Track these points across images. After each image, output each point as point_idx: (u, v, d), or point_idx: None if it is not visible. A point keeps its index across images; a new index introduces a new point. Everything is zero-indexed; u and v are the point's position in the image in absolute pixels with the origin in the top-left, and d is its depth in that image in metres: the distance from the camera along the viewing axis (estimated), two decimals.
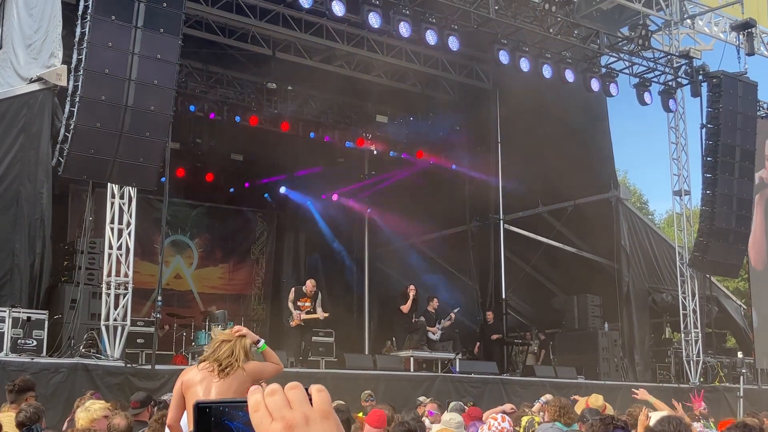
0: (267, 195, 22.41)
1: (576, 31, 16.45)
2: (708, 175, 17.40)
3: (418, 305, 16.44)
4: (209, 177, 20.95)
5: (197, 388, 5.17)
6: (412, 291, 16.25)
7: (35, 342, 11.34)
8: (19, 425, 5.85)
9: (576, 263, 19.55)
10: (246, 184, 21.68)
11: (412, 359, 15.22)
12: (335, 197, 22.70)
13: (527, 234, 20.09)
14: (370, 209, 23.00)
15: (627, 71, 17.46)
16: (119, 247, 12.04)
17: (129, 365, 11.70)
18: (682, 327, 17.87)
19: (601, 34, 16.74)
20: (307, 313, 14.85)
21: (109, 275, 11.98)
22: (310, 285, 15.18)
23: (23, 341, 11.25)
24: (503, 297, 19.58)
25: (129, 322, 12.03)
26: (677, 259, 18.20)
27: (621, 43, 17.30)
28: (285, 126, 20.17)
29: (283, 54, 18.16)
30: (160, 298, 12.73)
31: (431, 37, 14.80)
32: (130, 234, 12.16)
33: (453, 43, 15.07)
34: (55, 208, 13.25)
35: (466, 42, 15.96)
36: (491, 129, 20.17)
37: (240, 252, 22.51)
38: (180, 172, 19.22)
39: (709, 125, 17.40)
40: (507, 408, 7.99)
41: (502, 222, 20.11)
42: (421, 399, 11.41)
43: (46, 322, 11.60)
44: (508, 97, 19.22)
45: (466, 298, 20.23)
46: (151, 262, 17.84)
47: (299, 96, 20.25)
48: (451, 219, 21.60)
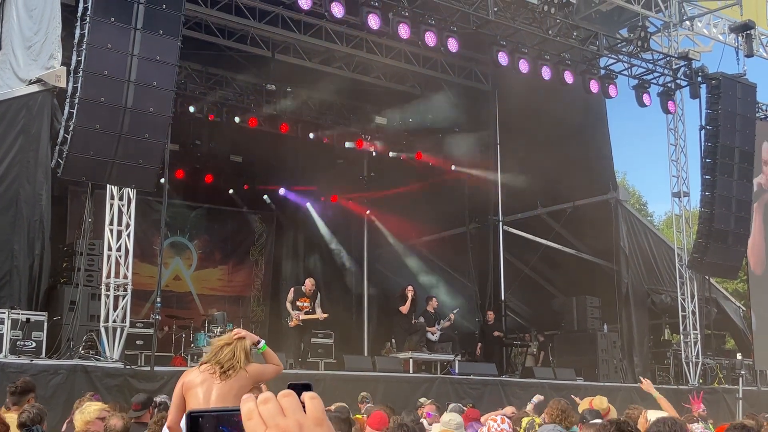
0: (266, 196, 22.39)
1: (575, 33, 16.45)
2: (707, 177, 17.40)
3: (417, 306, 16.43)
4: (208, 178, 20.91)
5: (198, 389, 5.17)
6: (410, 292, 16.23)
7: (34, 343, 11.33)
8: (21, 426, 5.84)
9: (575, 265, 19.53)
10: (245, 185, 21.65)
11: (411, 361, 15.21)
12: (334, 199, 22.69)
13: (526, 235, 20.07)
14: (369, 211, 23.01)
15: (626, 73, 17.48)
16: (118, 249, 12.04)
17: (128, 367, 11.70)
18: (681, 328, 17.87)
19: (600, 35, 16.74)
20: (306, 314, 14.74)
21: (109, 277, 11.98)
22: (309, 284, 15.08)
23: (22, 343, 11.25)
24: (502, 298, 19.59)
25: (128, 323, 12.03)
26: (676, 261, 18.20)
27: (620, 45, 17.29)
28: (284, 127, 20.18)
29: (282, 55, 18.17)
30: (159, 299, 12.73)
31: (430, 39, 14.79)
32: (129, 235, 12.16)
33: (452, 45, 15.06)
34: (55, 209, 13.26)
35: (465, 44, 15.95)
36: (490, 130, 20.19)
37: (239, 253, 22.49)
38: (179, 173, 19.17)
39: (708, 127, 17.40)
40: (508, 411, 7.96)
41: (501, 223, 20.13)
42: (422, 401, 11.39)
43: (45, 323, 11.59)
44: (507, 99, 19.24)
45: (465, 299, 20.21)
46: (151, 263, 17.83)
47: (298, 97, 20.24)
48: (450, 220, 21.58)
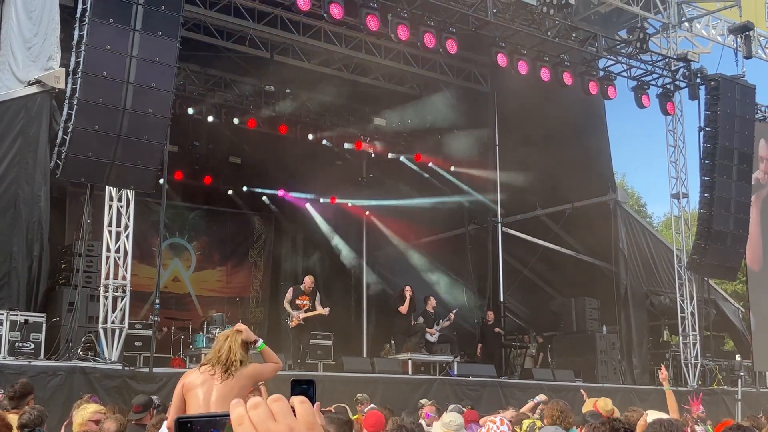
0: (265, 197, 22.38)
1: (574, 34, 16.45)
2: (706, 178, 17.41)
3: (415, 305, 16.43)
4: (207, 180, 20.90)
5: (198, 390, 5.17)
6: (408, 291, 16.22)
7: (33, 345, 11.33)
8: (22, 427, 5.83)
9: (574, 266, 19.53)
10: (244, 186, 21.65)
11: (410, 362, 15.20)
12: (333, 200, 22.69)
13: (525, 237, 20.07)
14: (368, 212, 23.00)
15: (625, 74, 17.50)
16: (117, 250, 12.04)
17: (127, 368, 11.69)
18: (680, 330, 17.87)
19: (599, 37, 16.74)
20: (307, 311, 14.67)
21: (107, 278, 11.98)
22: (308, 281, 14.97)
23: (21, 344, 11.24)
24: (501, 300, 19.58)
25: (127, 324, 12.04)
26: (675, 262, 18.20)
27: (619, 46, 17.29)
28: (283, 129, 20.19)
29: (281, 57, 18.16)
30: (158, 300, 12.72)
31: (429, 40, 14.79)
32: (128, 237, 12.16)
33: (451, 46, 15.05)
34: (53, 211, 13.25)
35: (464, 45, 15.96)
36: (489, 132, 20.18)
37: (238, 255, 22.49)
38: (178, 174, 19.17)
39: (707, 128, 17.40)
40: (508, 414, 7.94)
41: (500, 225, 20.12)
42: (423, 402, 11.38)
43: (43, 324, 11.59)
44: (506, 100, 19.25)
45: (464, 301, 20.21)
46: (149, 264, 17.80)
47: (297, 98, 20.25)
48: (449, 222, 21.59)
